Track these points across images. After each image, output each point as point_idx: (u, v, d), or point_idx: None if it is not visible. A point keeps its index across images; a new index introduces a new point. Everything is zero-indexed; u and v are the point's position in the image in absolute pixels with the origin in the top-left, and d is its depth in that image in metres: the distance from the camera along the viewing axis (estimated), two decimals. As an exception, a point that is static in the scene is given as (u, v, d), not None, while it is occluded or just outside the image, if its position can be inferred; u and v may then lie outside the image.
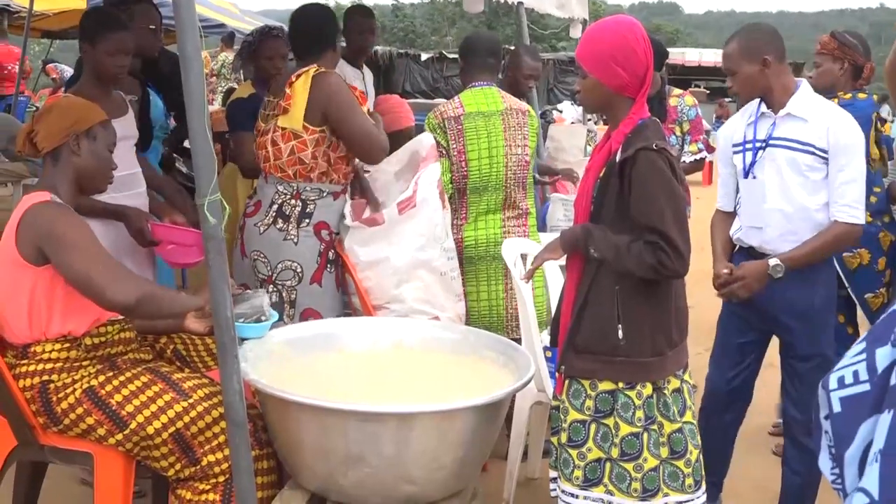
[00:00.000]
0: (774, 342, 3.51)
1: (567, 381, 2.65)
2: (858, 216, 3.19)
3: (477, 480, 2.96)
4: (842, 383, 0.98)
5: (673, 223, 2.48)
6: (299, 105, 3.36)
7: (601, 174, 2.61)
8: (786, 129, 3.24)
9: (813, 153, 3.19)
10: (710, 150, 5.09)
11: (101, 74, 3.61)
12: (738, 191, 3.47)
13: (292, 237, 3.41)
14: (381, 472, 2.56)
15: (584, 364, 2.61)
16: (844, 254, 4.09)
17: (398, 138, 3.85)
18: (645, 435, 2.57)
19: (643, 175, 2.50)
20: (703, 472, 2.69)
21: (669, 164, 2.52)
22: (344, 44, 4.91)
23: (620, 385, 2.58)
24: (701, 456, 2.68)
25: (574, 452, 2.61)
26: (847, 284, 4.12)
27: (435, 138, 3.74)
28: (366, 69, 5.17)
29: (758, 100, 3.33)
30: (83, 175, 2.82)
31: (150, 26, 4.16)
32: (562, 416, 2.66)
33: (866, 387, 0.95)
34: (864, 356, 0.98)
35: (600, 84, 2.58)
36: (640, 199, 2.51)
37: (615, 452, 2.58)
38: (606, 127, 2.71)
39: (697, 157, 4.93)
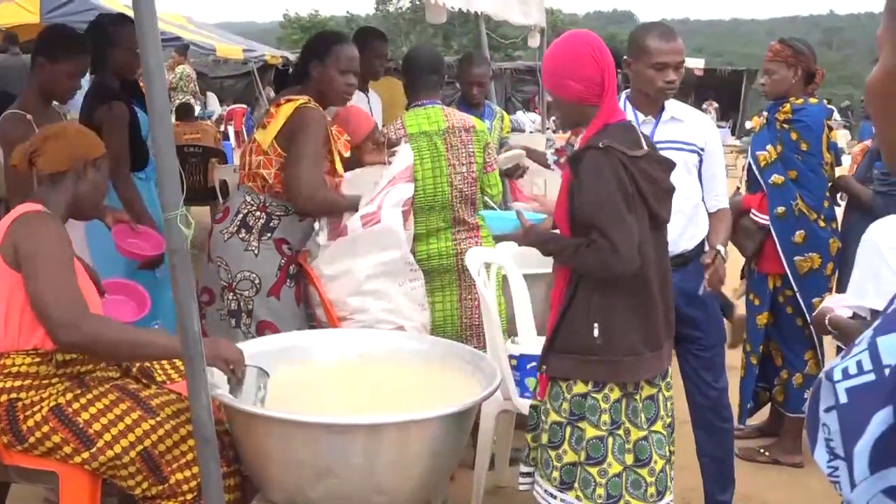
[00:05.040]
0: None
1: (550, 383, 2.67)
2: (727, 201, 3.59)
3: (446, 490, 2.98)
4: (846, 374, 0.99)
5: (609, 219, 2.49)
6: (275, 126, 3.42)
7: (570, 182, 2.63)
8: (667, 132, 3.34)
9: (696, 152, 3.38)
10: None
11: (53, 91, 3.65)
12: None
13: (253, 248, 3.42)
14: (351, 484, 2.57)
15: (562, 364, 2.63)
16: (796, 257, 4.17)
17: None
18: (610, 439, 2.59)
19: (584, 173, 2.53)
20: (669, 484, 2.70)
21: (621, 163, 2.52)
22: None
23: (590, 387, 2.60)
24: (667, 467, 2.68)
25: (553, 454, 2.64)
26: (796, 288, 4.18)
27: None
28: (372, 93, 4.88)
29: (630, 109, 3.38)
30: (80, 201, 2.86)
31: (137, 49, 4.10)
32: (542, 417, 2.69)
33: (871, 377, 0.96)
34: (866, 346, 0.99)
35: (561, 100, 2.64)
36: (580, 196, 2.54)
37: (582, 456, 2.60)
38: (566, 135, 2.75)
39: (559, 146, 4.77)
